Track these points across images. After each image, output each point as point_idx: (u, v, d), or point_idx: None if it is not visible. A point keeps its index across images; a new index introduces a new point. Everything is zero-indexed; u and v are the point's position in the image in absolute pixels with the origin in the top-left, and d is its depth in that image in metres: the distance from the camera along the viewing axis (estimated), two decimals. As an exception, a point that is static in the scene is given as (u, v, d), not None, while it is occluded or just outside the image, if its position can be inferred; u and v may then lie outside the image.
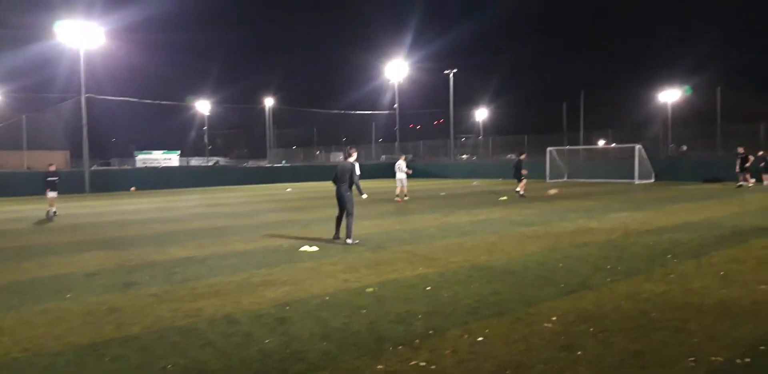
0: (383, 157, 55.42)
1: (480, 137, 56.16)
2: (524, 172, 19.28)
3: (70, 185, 27.24)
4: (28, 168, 15.55)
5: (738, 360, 3.91)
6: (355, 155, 9.99)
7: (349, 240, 9.63)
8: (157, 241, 10.39)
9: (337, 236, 10.10)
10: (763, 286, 5.97)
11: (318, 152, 67.85)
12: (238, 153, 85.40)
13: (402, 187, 18.81)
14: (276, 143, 65.32)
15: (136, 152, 66.32)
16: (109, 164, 61.75)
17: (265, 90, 63.92)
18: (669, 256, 7.82)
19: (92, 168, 31.95)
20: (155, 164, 57.11)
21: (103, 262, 8.30)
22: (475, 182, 31.09)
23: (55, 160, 43.68)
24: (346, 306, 5.61)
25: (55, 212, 15.39)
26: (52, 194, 15.48)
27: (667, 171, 28.49)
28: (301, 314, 5.36)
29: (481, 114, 60.12)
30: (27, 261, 8.55)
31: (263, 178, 36.68)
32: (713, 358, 3.96)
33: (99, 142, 33.33)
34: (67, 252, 9.38)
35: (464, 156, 52.42)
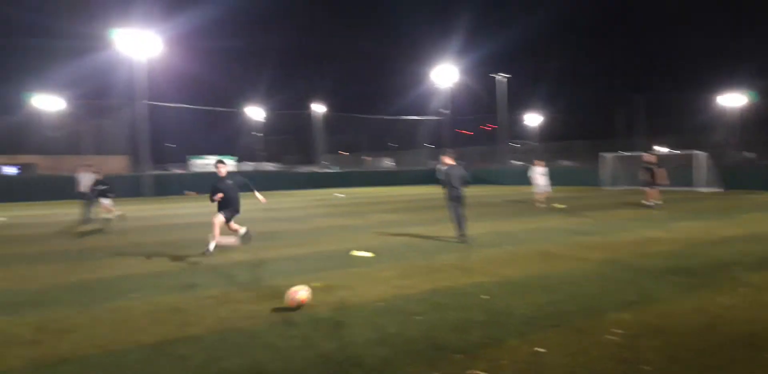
0: (432, 163, 55.25)
1: (533, 143, 55.23)
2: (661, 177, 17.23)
3: (128, 189, 28.41)
4: (95, 172, 15.39)
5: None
6: (447, 160, 10.70)
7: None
8: (215, 244, 10.67)
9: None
10: (843, 303, 5.62)
11: (367, 158, 68.27)
12: (288, 158, 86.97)
13: (542, 192, 18.33)
14: (325, 149, 66.11)
15: (189, 157, 68.27)
16: (165, 169, 63.83)
17: (315, 96, 64.73)
18: (737, 268, 7.47)
19: (150, 172, 33.14)
20: (209, 169, 58.61)
21: (164, 264, 8.59)
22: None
23: (115, 165, 45.33)
24: (402, 312, 5.61)
25: (116, 216, 15.34)
26: (105, 202, 15.13)
27: (735, 179, 27.19)
28: (357, 319, 5.39)
29: (533, 119, 59.19)
30: (92, 262, 8.96)
31: (313, 183, 37.19)
32: (792, 378, 3.75)
33: (154, 147, 34.73)
34: (130, 253, 9.75)
35: (518, 162, 51.63)
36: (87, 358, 4.44)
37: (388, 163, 65.27)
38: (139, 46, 31.23)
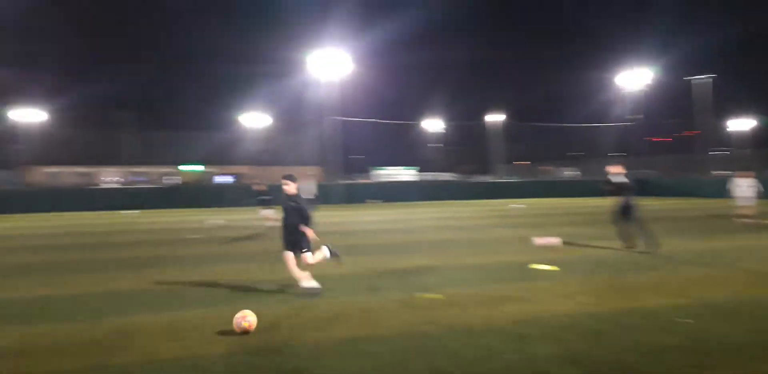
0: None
1: (740, 150, 48.74)
2: None
3: (319, 197, 31.03)
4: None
5: None
6: (615, 169, 10.90)
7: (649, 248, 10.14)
8: (396, 250, 11.15)
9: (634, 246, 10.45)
10: None
11: (547, 167, 65.99)
12: (465, 168, 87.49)
13: (747, 206, 16.00)
14: (503, 158, 65.35)
15: (372, 167, 71.89)
16: (352, 179, 67.97)
17: (494, 105, 64.49)
18: None
19: (339, 182, 35.86)
20: (392, 179, 61.25)
21: (350, 267, 9.15)
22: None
23: (309, 175, 49.61)
24: (588, 330, 5.36)
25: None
26: (266, 211, 15.97)
27: None
28: (540, 333, 5.27)
29: (741, 124, 52.27)
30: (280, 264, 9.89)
31: (490, 194, 36.91)
32: None
33: (342, 159, 38.07)
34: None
35: (722, 171, 45.93)
36: (291, 348, 4.96)
37: (568, 172, 62.39)
38: (330, 66, 34.19)
